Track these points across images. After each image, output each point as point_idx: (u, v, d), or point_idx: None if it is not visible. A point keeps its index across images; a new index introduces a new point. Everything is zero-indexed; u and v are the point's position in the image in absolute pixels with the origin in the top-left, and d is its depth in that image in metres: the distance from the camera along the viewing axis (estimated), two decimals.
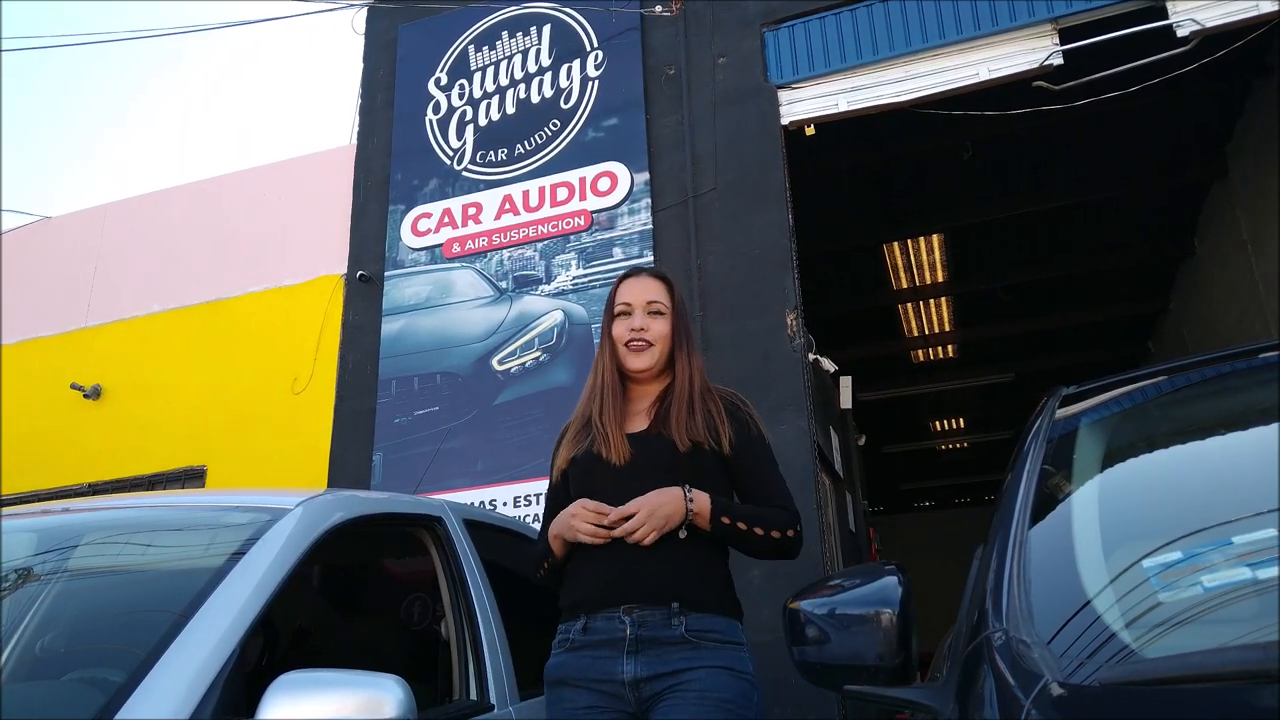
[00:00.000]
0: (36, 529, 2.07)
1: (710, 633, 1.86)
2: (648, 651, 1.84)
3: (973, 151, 7.20)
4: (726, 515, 1.90)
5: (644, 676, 1.83)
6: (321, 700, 1.37)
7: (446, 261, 5.97)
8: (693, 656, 1.83)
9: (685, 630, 1.84)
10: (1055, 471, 1.49)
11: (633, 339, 2.08)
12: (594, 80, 5.98)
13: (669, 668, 1.82)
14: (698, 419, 1.99)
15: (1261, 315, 7.33)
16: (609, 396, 2.06)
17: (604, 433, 2.00)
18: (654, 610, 1.85)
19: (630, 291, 2.14)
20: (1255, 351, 1.79)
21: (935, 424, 14.24)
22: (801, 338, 5.09)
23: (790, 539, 1.96)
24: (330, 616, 2.75)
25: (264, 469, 5.92)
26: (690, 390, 2.04)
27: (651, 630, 1.84)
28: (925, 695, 1.28)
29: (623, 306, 2.13)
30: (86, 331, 6.93)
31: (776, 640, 1.48)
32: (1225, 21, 4.87)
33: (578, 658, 1.89)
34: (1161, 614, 1.07)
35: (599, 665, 1.86)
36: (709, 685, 1.80)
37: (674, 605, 1.85)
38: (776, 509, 1.97)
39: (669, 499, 1.87)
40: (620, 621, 1.86)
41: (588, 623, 1.89)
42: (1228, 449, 1.49)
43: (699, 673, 1.81)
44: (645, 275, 2.19)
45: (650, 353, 2.08)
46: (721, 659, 1.85)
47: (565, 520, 1.92)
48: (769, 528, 1.93)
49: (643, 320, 2.09)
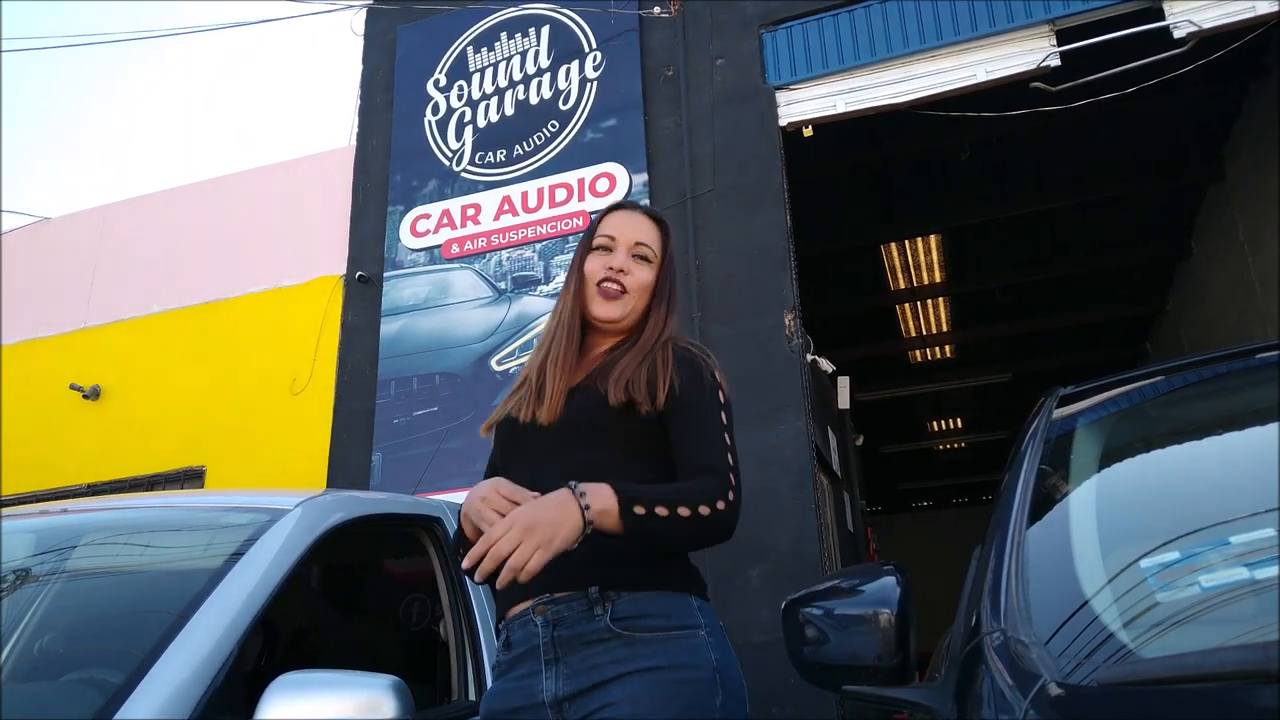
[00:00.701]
0: (35, 530, 2.07)
1: (646, 618, 1.44)
2: (569, 657, 1.44)
3: (970, 152, 7.21)
4: (640, 503, 1.40)
5: (565, 694, 1.42)
6: (320, 701, 1.37)
7: (445, 262, 5.97)
8: (626, 658, 1.41)
9: (611, 619, 1.43)
10: (1053, 472, 1.50)
11: (607, 278, 1.68)
12: (593, 81, 5.98)
13: (593, 679, 1.41)
14: (642, 371, 1.59)
15: (1259, 316, 7.34)
16: (562, 341, 1.68)
17: (541, 385, 1.63)
18: (569, 601, 1.45)
19: (617, 225, 1.75)
20: (1252, 352, 1.79)
21: (933, 424, 14.25)
22: (800, 338, 5.10)
23: (721, 514, 1.45)
24: (329, 617, 2.75)
25: (263, 469, 5.92)
26: (650, 343, 1.66)
27: (570, 627, 1.44)
28: (923, 695, 1.28)
29: (604, 240, 1.73)
30: (86, 332, 6.92)
31: (775, 640, 1.47)
32: (1222, 23, 4.88)
33: (504, 683, 1.50)
34: (1159, 614, 1.07)
35: (521, 689, 1.47)
36: (644, 706, 1.38)
37: (591, 590, 1.44)
38: (702, 477, 1.49)
39: (549, 505, 1.38)
40: (533, 624, 1.47)
41: (508, 635, 1.52)
42: (1225, 449, 1.49)
43: (631, 684, 1.39)
44: (638, 211, 1.79)
45: (623, 302, 1.68)
46: (664, 655, 1.42)
47: (474, 501, 1.48)
48: (695, 503, 1.43)
49: (624, 261, 1.69)
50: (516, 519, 1.35)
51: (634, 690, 1.39)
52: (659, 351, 1.64)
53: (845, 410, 7.25)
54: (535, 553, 1.31)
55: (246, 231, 6.77)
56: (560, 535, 1.34)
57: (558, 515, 1.36)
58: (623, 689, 1.39)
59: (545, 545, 1.33)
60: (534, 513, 1.36)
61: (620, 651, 1.42)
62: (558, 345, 1.68)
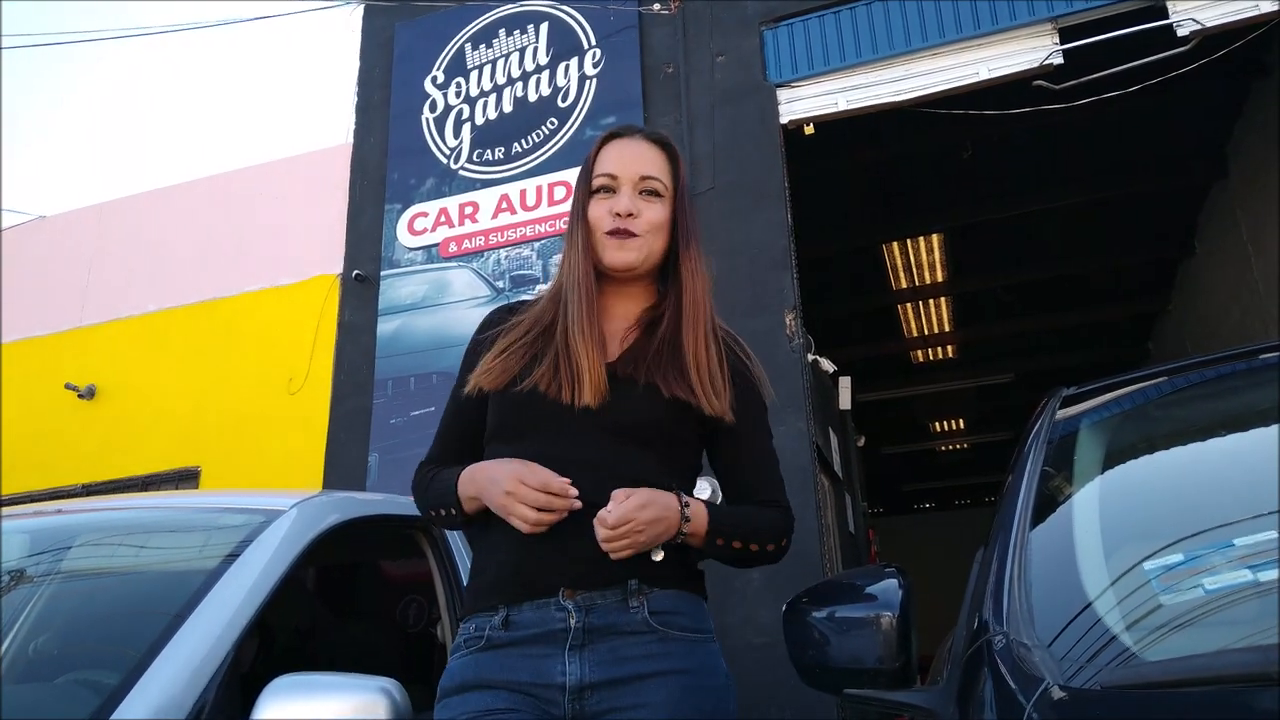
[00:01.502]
0: (30, 530, 2.06)
1: (678, 616, 1.42)
2: (597, 645, 1.38)
3: (972, 151, 7.20)
4: (723, 536, 1.43)
5: (591, 682, 1.36)
6: (317, 703, 1.37)
7: (443, 261, 5.96)
8: (659, 654, 1.38)
9: (648, 613, 1.40)
10: (1056, 473, 1.49)
11: (615, 228, 1.50)
12: (592, 79, 5.97)
13: (625, 671, 1.37)
14: (704, 364, 1.46)
15: (1261, 316, 7.33)
16: (582, 303, 1.47)
17: (576, 361, 1.43)
18: (605, 591, 1.40)
19: (617, 159, 1.53)
20: (1255, 352, 1.78)
21: (935, 425, 14.24)
22: (800, 338, 5.09)
23: (782, 548, 1.51)
24: (325, 619, 2.74)
25: (259, 470, 5.91)
26: (707, 318, 1.50)
27: (602, 616, 1.38)
28: (925, 698, 1.27)
29: (605, 180, 1.53)
30: (81, 331, 6.92)
31: (775, 642, 1.46)
32: (1225, 21, 4.87)
33: (495, 657, 1.40)
34: (1162, 617, 1.06)
35: (528, 665, 1.38)
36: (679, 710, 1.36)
37: (631, 583, 1.40)
38: (772, 511, 1.51)
39: (667, 511, 1.37)
40: (559, 609, 1.39)
41: (509, 615, 1.40)
42: (1228, 450, 1.48)
43: (667, 686, 1.37)
44: (638, 138, 1.57)
45: (638, 246, 1.50)
46: (692, 658, 1.41)
47: (496, 488, 1.39)
48: (764, 541, 1.47)
49: (631, 202, 1.50)
50: (645, 509, 1.34)
51: (669, 694, 1.36)
52: (717, 337, 1.52)
53: (846, 411, 7.24)
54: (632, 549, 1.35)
55: (243, 230, 6.76)
56: (655, 542, 1.38)
57: (668, 522, 1.38)
58: (657, 691, 1.36)
59: (639, 548, 1.36)
60: (655, 511, 1.36)
61: (653, 647, 1.38)
62: (576, 309, 1.47)
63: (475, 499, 1.44)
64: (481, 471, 1.44)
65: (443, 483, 1.51)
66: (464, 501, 1.46)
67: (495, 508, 1.41)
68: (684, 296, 1.51)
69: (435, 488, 1.52)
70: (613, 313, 1.54)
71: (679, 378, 1.45)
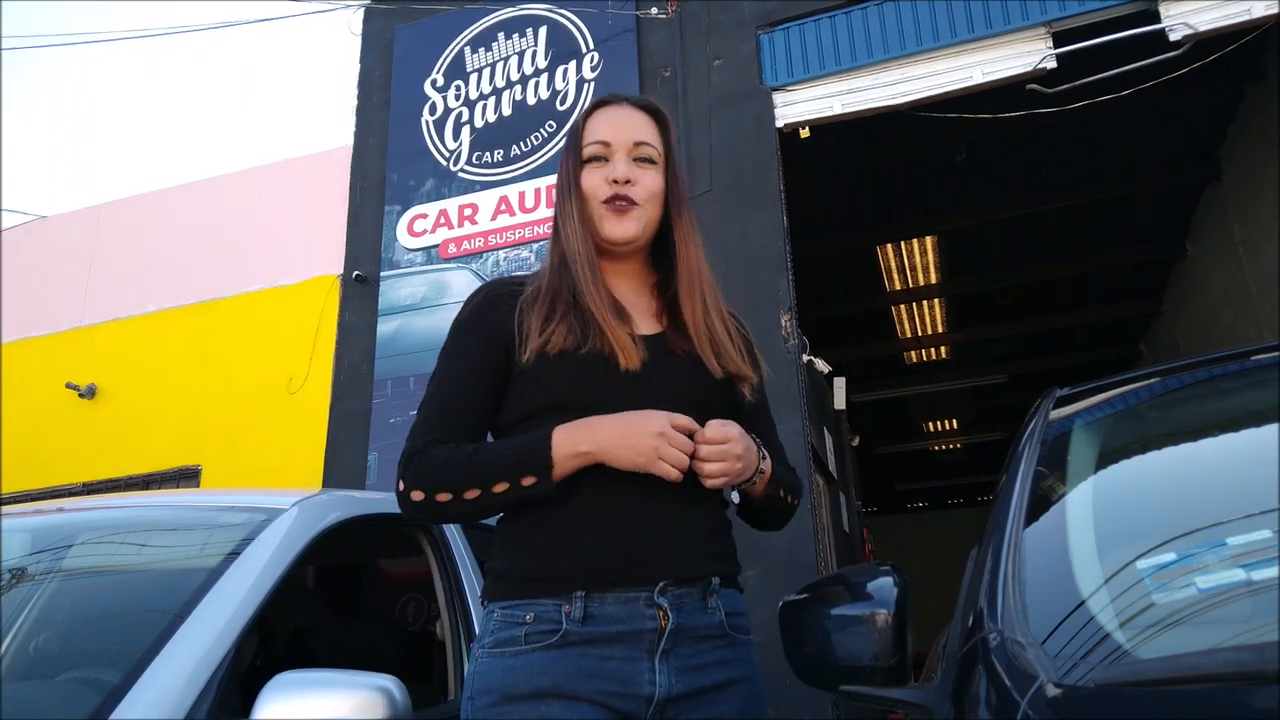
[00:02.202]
0: (31, 529, 2.06)
1: (739, 617, 1.37)
2: (680, 650, 1.27)
3: (966, 154, 7.22)
4: (781, 485, 1.44)
5: (678, 693, 1.25)
6: (317, 701, 1.37)
7: (442, 262, 5.97)
8: (729, 660, 1.32)
9: (724, 615, 1.34)
10: (1050, 473, 1.50)
11: (613, 195, 1.42)
12: (590, 82, 5.98)
13: (704, 680, 1.28)
14: (719, 335, 1.42)
15: (1254, 318, 7.36)
16: (589, 275, 1.39)
17: (609, 330, 1.34)
18: (693, 586, 1.30)
19: (607, 126, 1.45)
20: (1248, 354, 1.80)
21: (929, 425, 14.27)
22: (796, 339, 5.10)
23: (797, 507, 1.53)
24: (326, 617, 2.74)
25: (259, 469, 5.91)
26: (701, 286, 1.46)
27: (688, 617, 1.28)
28: (920, 696, 1.28)
29: (596, 148, 1.45)
30: (81, 331, 6.91)
31: (770, 640, 1.45)
32: (1218, 25, 4.89)
33: (572, 657, 1.23)
34: (1156, 615, 1.07)
35: (610, 671, 1.24)
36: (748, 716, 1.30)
37: (714, 579, 1.33)
38: (793, 472, 1.53)
39: (752, 449, 1.35)
40: (650, 605, 1.26)
41: (588, 606, 1.25)
42: (1222, 451, 1.49)
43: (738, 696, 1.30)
44: (628, 105, 1.49)
45: (637, 216, 1.43)
46: (751, 663, 1.37)
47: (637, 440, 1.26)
48: (796, 494, 1.50)
49: (626, 169, 1.42)
50: (742, 437, 1.32)
51: (740, 705, 1.31)
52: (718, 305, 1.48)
53: (841, 411, 7.26)
54: (728, 477, 1.31)
55: (243, 231, 6.76)
56: (742, 475, 1.34)
57: (749, 462, 1.34)
58: (729, 702, 1.30)
59: (734, 475, 1.32)
60: (748, 444, 1.34)
61: (725, 653, 1.32)
62: (585, 282, 1.38)
63: (589, 454, 1.28)
64: (597, 424, 1.29)
65: (511, 446, 1.31)
66: (565, 460, 1.28)
67: (635, 456, 1.26)
68: (680, 266, 1.46)
69: (491, 457, 1.31)
70: (620, 289, 1.46)
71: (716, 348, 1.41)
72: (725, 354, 1.41)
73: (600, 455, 1.28)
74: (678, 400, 1.34)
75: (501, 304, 1.42)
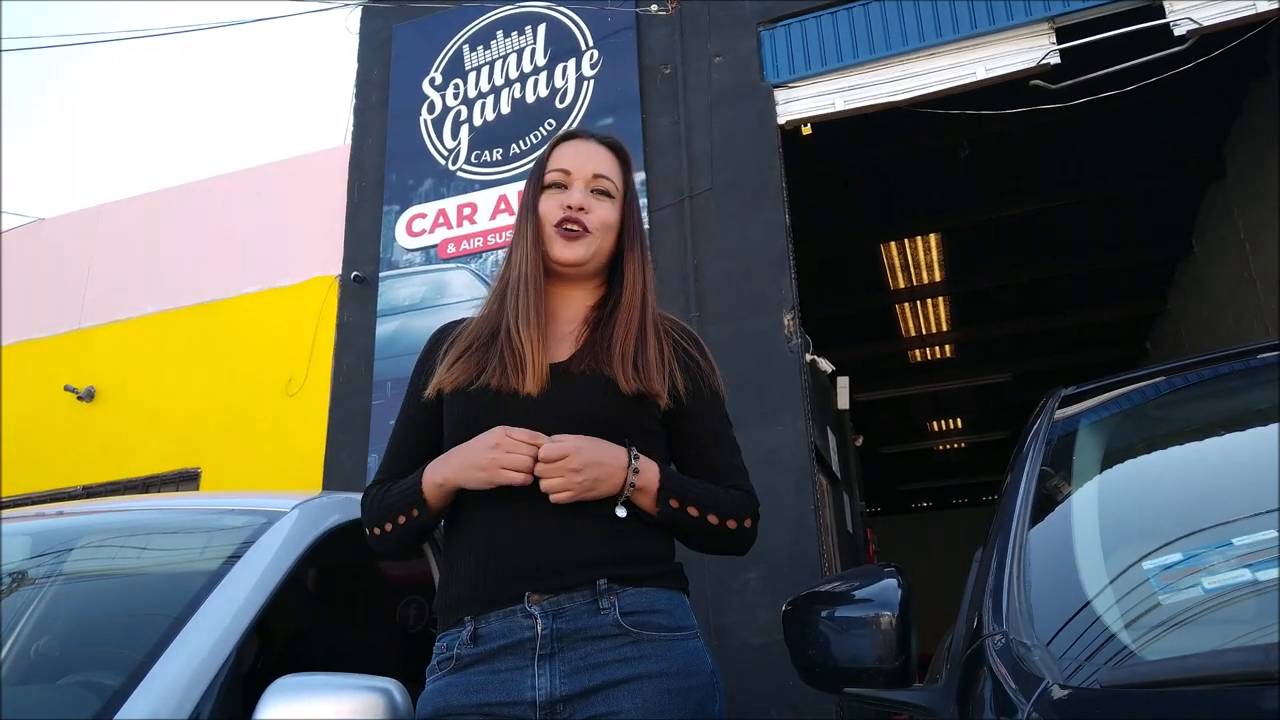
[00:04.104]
0: (31, 532, 2.06)
1: (653, 615, 1.37)
2: (567, 653, 1.32)
3: (969, 151, 7.20)
4: (676, 497, 1.40)
5: (562, 695, 1.30)
6: (318, 703, 1.37)
7: (441, 262, 5.96)
8: (633, 657, 1.33)
9: (619, 614, 1.34)
10: (1055, 473, 1.49)
11: (566, 219, 1.51)
12: (589, 80, 5.97)
13: (598, 679, 1.31)
14: (649, 354, 1.46)
15: (1259, 315, 7.34)
16: (529, 295, 1.48)
17: (518, 350, 1.43)
18: (572, 593, 1.34)
19: (570, 157, 1.56)
20: (1254, 352, 1.79)
21: (933, 424, 14.24)
22: (799, 338, 5.09)
23: (746, 530, 1.48)
24: (326, 619, 2.74)
25: (259, 471, 5.91)
26: (642, 312, 1.50)
27: (571, 620, 1.33)
28: (924, 698, 1.28)
29: (557, 175, 1.56)
30: (80, 333, 6.91)
31: (774, 642, 1.46)
32: (1222, 20, 4.88)
33: (464, 678, 1.34)
34: (1161, 616, 1.06)
35: (498, 683, 1.32)
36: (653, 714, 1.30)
37: (600, 582, 1.35)
38: (733, 490, 1.48)
39: (610, 457, 1.36)
40: (526, 616, 1.33)
41: (477, 628, 1.36)
42: (1227, 450, 1.48)
43: (641, 692, 1.31)
44: (591, 140, 1.60)
45: (587, 242, 1.51)
46: (670, 659, 1.35)
47: (477, 450, 1.36)
48: (724, 515, 1.44)
49: (582, 198, 1.52)
50: (581, 450, 1.34)
51: (644, 700, 1.30)
52: (656, 328, 1.51)
53: (844, 410, 7.25)
54: (570, 492, 1.33)
55: (241, 232, 6.76)
56: (601, 489, 1.35)
57: (611, 468, 1.36)
58: (632, 698, 1.30)
59: (584, 491, 1.34)
60: (595, 453, 1.35)
61: (627, 650, 1.33)
62: (524, 301, 1.47)
63: (444, 483, 1.40)
64: (452, 453, 1.40)
65: (403, 485, 1.45)
66: (431, 491, 1.41)
67: (477, 473, 1.36)
68: (624, 294, 1.52)
69: (393, 494, 1.45)
70: (560, 315, 1.54)
71: (623, 364, 1.43)
72: (645, 373, 1.44)
73: (456, 480, 1.39)
74: (577, 423, 1.39)
75: (440, 348, 1.54)
